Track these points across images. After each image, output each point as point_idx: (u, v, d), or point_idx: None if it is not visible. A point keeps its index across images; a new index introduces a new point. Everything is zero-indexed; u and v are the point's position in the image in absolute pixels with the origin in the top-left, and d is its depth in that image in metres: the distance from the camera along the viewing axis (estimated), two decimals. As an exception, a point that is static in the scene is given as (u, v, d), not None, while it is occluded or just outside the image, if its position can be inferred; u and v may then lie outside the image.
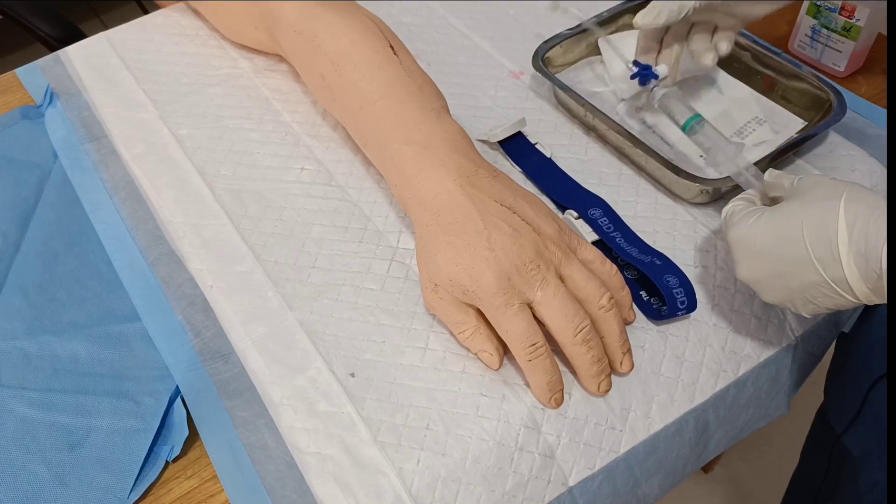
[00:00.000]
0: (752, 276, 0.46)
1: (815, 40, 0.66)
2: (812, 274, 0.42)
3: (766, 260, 0.44)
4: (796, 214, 0.43)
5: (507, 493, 0.44)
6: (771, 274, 0.44)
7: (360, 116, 0.55)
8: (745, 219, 0.46)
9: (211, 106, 0.65)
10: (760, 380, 0.51)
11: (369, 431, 0.45)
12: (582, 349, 0.45)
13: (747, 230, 0.45)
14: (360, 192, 0.58)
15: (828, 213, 0.41)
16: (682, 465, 0.51)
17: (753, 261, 0.45)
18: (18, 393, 0.49)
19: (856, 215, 0.40)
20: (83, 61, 0.70)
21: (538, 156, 0.59)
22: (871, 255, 0.39)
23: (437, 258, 0.47)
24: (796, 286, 0.43)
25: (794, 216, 0.43)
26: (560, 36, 0.64)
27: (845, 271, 0.41)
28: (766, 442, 1.14)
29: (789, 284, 0.43)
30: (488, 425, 0.45)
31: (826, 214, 0.41)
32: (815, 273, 0.42)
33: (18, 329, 0.52)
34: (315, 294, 0.52)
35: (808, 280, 0.42)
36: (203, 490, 0.45)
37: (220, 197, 0.58)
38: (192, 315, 0.51)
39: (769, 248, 0.44)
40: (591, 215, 0.54)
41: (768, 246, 0.44)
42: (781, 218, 0.44)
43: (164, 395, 0.48)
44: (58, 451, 0.46)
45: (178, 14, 0.74)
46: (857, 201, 0.41)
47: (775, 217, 0.44)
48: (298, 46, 0.59)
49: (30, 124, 0.65)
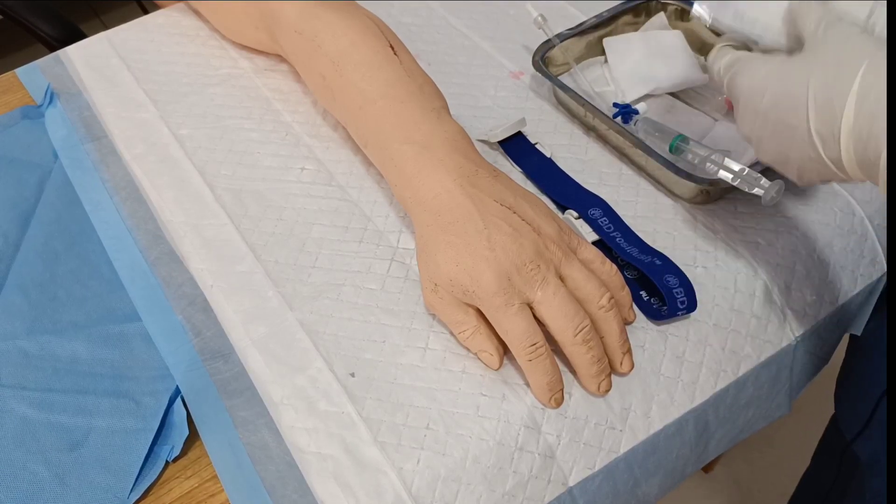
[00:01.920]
0: (752, 134, 0.43)
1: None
2: (809, 148, 0.40)
3: (768, 120, 0.41)
4: (806, 74, 0.39)
5: (507, 492, 0.44)
6: (770, 135, 0.42)
7: (361, 116, 0.55)
8: (756, 67, 0.42)
9: (211, 106, 0.65)
10: (761, 380, 0.51)
11: (369, 431, 0.45)
12: (582, 349, 0.45)
13: (758, 83, 0.42)
14: (360, 191, 0.58)
15: (839, 84, 0.38)
16: (682, 466, 0.51)
17: (756, 118, 0.42)
18: (18, 393, 0.49)
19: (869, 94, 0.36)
20: (83, 61, 0.70)
21: (538, 156, 0.59)
22: (870, 143, 0.37)
23: (437, 258, 0.47)
24: (794, 155, 0.41)
25: (802, 75, 0.39)
26: (560, 36, 0.64)
27: (842, 153, 0.38)
28: (768, 443, 1.14)
29: (786, 151, 0.41)
30: (488, 425, 0.45)
31: (837, 85, 0.38)
32: (812, 148, 0.39)
33: (18, 329, 0.52)
34: (315, 294, 0.52)
35: (804, 153, 0.40)
36: (203, 490, 0.45)
37: (220, 197, 0.58)
38: (192, 315, 0.52)
39: (773, 110, 0.41)
40: (591, 215, 0.54)
41: (773, 107, 0.41)
42: (793, 77, 0.40)
43: (164, 395, 0.48)
44: (58, 451, 0.46)
45: (178, 14, 0.74)
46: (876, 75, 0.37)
47: (787, 73, 0.40)
48: (298, 46, 0.59)
49: (30, 124, 0.65)
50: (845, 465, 0.63)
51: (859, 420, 0.58)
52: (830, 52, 0.39)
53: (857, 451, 0.59)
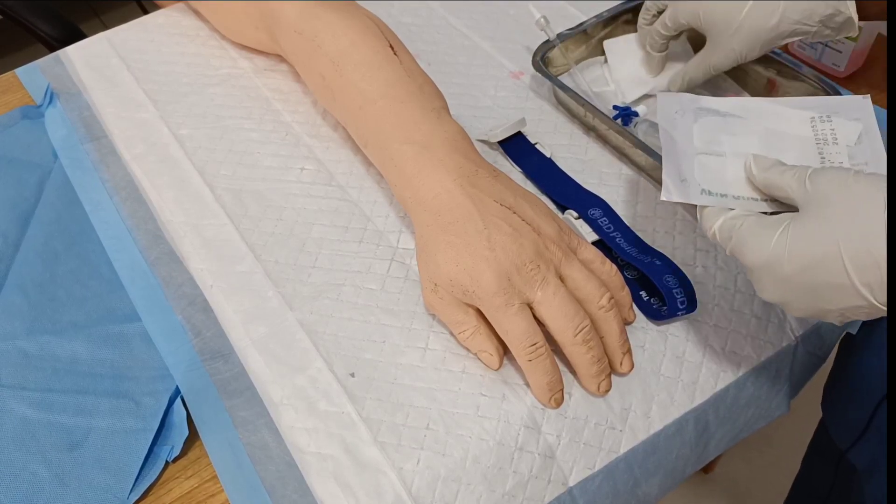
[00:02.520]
0: (780, 299, 0.41)
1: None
2: (856, 299, 0.37)
3: (796, 285, 0.39)
4: (830, 233, 0.37)
5: (507, 493, 0.44)
6: (803, 297, 0.39)
7: (360, 116, 0.55)
8: (761, 237, 0.40)
9: (211, 106, 0.65)
10: (760, 380, 0.51)
11: (369, 431, 0.45)
12: (582, 349, 0.45)
13: (770, 254, 0.39)
14: (360, 191, 0.58)
15: (870, 230, 0.36)
16: (682, 466, 0.51)
17: (781, 285, 0.40)
18: (18, 393, 0.49)
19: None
20: (83, 61, 0.70)
21: (538, 156, 0.59)
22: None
23: (437, 258, 0.47)
24: (834, 308, 0.39)
25: (826, 235, 0.37)
26: (560, 36, 0.64)
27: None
28: (767, 442, 1.14)
29: (825, 306, 0.39)
30: (488, 425, 0.45)
31: (868, 233, 0.36)
32: (860, 298, 0.37)
33: (18, 329, 0.52)
34: (315, 294, 0.52)
35: (849, 304, 0.38)
36: (203, 490, 0.45)
37: (220, 197, 0.58)
38: (192, 315, 0.52)
39: (800, 274, 0.38)
40: (591, 215, 0.54)
41: (799, 271, 0.38)
42: (811, 237, 0.38)
43: (164, 395, 0.48)
44: (58, 452, 0.46)
45: (178, 14, 0.74)
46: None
47: (802, 235, 0.38)
48: (298, 46, 0.59)
49: (30, 124, 0.65)
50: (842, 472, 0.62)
51: (853, 427, 0.58)
52: (839, 202, 0.38)
53: (853, 458, 0.59)
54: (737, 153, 0.46)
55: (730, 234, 0.42)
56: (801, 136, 0.47)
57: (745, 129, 0.47)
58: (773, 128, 0.47)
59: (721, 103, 0.49)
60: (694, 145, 0.47)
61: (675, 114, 0.48)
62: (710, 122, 0.48)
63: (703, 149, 0.46)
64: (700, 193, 0.44)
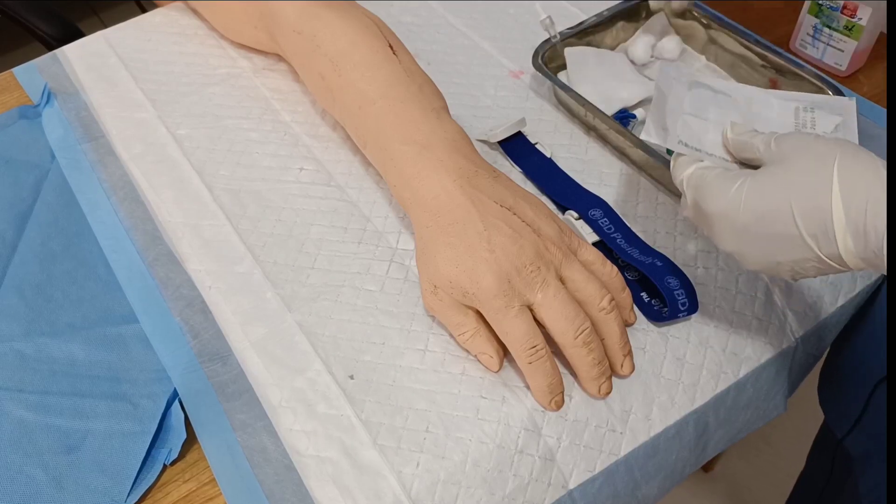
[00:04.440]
0: (735, 249, 0.43)
1: (817, 39, 0.66)
2: (803, 250, 0.39)
3: (750, 235, 0.41)
4: (782, 186, 0.40)
5: (507, 496, 0.44)
6: (756, 247, 0.42)
7: (360, 116, 0.54)
8: (722, 187, 0.42)
9: (210, 106, 0.65)
10: (760, 381, 0.51)
11: (368, 434, 0.45)
12: (582, 351, 0.45)
13: (728, 203, 0.42)
14: (359, 192, 0.58)
15: (820, 185, 0.38)
16: (681, 467, 0.51)
17: (736, 234, 0.42)
18: (15, 395, 0.48)
19: (852, 187, 0.37)
20: (81, 60, 0.69)
21: (538, 156, 0.59)
22: (870, 234, 0.37)
23: (437, 259, 0.47)
24: (784, 259, 0.41)
25: (779, 188, 0.40)
26: (562, 35, 0.64)
27: (840, 248, 0.38)
28: (765, 441, 1.14)
29: (776, 258, 0.41)
30: (488, 428, 0.45)
31: (818, 188, 0.38)
32: (806, 250, 0.39)
33: (15, 331, 0.51)
34: (314, 295, 0.51)
35: (798, 255, 0.40)
36: (201, 493, 0.45)
37: (218, 197, 0.58)
38: (190, 316, 0.51)
39: (754, 224, 0.41)
40: (591, 216, 0.54)
41: (753, 221, 0.41)
42: (766, 190, 0.40)
43: (161, 398, 0.48)
44: (55, 454, 0.46)
45: (176, 13, 0.74)
46: (852, 169, 0.38)
47: (758, 188, 0.41)
48: (298, 46, 0.59)
49: (27, 124, 0.65)
50: (838, 461, 0.63)
51: (848, 415, 0.58)
52: (796, 158, 0.40)
53: (849, 446, 0.59)
54: (719, 122, 0.48)
55: (696, 182, 0.44)
56: (782, 120, 0.50)
57: (733, 106, 0.50)
58: (758, 110, 0.50)
59: (717, 82, 0.52)
60: (683, 107, 0.49)
61: (673, 79, 0.51)
62: (703, 93, 0.50)
63: (690, 112, 0.49)
64: (677, 143, 0.47)
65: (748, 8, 0.72)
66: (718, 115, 0.49)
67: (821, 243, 0.39)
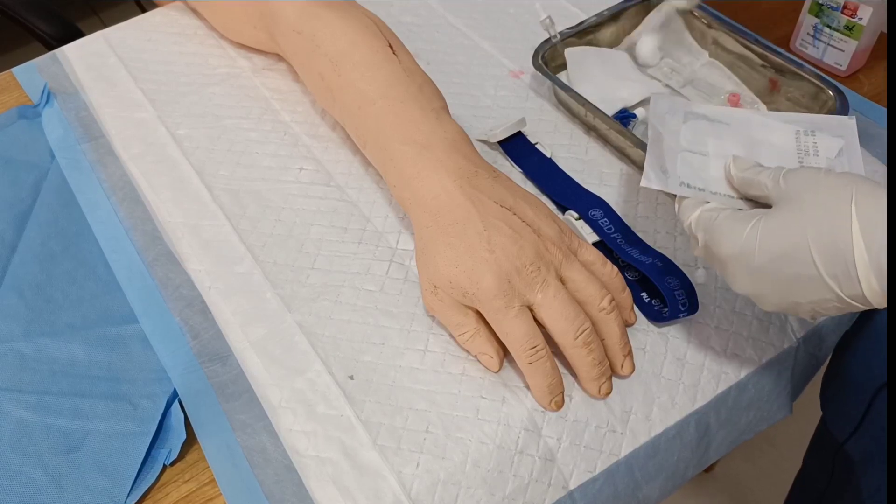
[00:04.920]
0: (751, 291, 0.42)
1: (818, 39, 0.66)
2: (824, 291, 0.38)
3: (766, 276, 0.40)
4: (798, 226, 0.38)
5: (507, 496, 0.44)
6: (773, 289, 0.40)
7: (360, 116, 0.54)
8: (734, 228, 0.41)
9: (209, 105, 0.65)
10: (762, 382, 0.51)
11: (368, 434, 0.45)
12: (583, 352, 0.45)
13: (742, 245, 0.40)
14: (359, 192, 0.58)
15: (837, 224, 0.37)
16: (683, 468, 0.51)
17: (752, 277, 0.41)
18: (15, 395, 0.48)
19: (872, 224, 0.36)
20: (80, 60, 0.69)
21: (538, 156, 0.59)
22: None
23: (437, 260, 0.47)
24: (804, 300, 0.39)
25: (795, 228, 0.38)
26: (562, 34, 0.63)
27: (863, 288, 0.36)
28: (769, 442, 1.13)
29: (795, 299, 0.40)
30: (488, 428, 0.45)
31: (836, 226, 0.37)
32: (827, 290, 0.38)
33: (15, 331, 0.51)
34: (314, 295, 0.51)
35: (818, 296, 0.38)
36: (201, 494, 0.45)
37: (218, 197, 0.58)
38: (190, 316, 0.51)
39: (770, 266, 0.39)
40: (591, 216, 0.54)
41: (769, 263, 0.39)
42: (781, 230, 0.39)
43: (161, 398, 0.48)
44: (54, 455, 0.46)
45: (176, 13, 0.74)
46: (870, 205, 0.36)
47: (773, 228, 0.40)
48: (297, 46, 0.59)
49: (27, 124, 0.65)
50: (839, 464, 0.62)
51: (850, 419, 0.58)
52: (810, 196, 0.39)
53: (850, 449, 0.59)
54: (719, 154, 0.47)
55: (705, 225, 0.43)
56: (783, 146, 0.48)
57: (731, 135, 0.49)
58: (758, 137, 0.49)
59: (711, 110, 0.51)
60: (680, 143, 0.48)
61: (665, 114, 0.50)
62: (698, 125, 0.49)
63: (688, 147, 0.48)
64: (679, 185, 0.46)
65: (748, 8, 0.72)
66: (717, 146, 0.48)
67: (842, 283, 0.37)
